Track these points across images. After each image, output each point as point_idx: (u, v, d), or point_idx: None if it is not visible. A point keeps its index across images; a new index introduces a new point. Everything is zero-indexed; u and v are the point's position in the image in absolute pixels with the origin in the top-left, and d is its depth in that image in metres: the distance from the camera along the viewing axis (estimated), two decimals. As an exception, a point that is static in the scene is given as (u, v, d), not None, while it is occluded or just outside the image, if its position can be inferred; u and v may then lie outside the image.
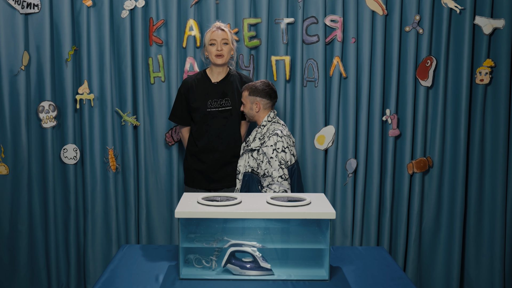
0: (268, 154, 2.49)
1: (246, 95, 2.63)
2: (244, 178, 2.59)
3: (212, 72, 2.78)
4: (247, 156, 2.62)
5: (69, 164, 3.05)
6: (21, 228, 3.05)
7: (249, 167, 2.58)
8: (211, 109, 2.73)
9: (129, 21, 2.97)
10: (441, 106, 3.05)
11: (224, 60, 2.71)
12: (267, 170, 2.50)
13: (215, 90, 2.75)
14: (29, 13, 2.93)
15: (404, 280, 1.91)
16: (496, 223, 3.06)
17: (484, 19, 2.96)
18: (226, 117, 2.75)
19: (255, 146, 2.58)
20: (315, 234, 1.97)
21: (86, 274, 3.13)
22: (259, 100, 2.60)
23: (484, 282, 3.11)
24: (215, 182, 2.78)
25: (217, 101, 2.73)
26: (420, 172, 3.10)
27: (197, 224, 1.99)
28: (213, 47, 2.69)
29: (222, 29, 2.70)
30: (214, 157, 2.75)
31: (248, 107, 2.64)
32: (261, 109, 2.62)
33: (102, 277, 1.93)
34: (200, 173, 2.79)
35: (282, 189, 2.48)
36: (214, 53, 2.69)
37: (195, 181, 2.82)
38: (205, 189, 2.81)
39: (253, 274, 1.89)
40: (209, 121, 2.74)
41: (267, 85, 2.62)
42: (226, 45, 2.69)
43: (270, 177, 2.49)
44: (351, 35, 3.01)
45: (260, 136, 2.59)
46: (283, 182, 2.48)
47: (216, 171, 2.77)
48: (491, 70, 3.00)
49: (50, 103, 3.00)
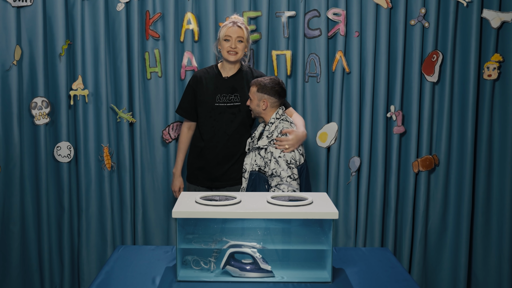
0: (275, 153, 2.48)
1: (254, 90, 2.61)
2: (250, 177, 2.58)
3: (223, 67, 2.77)
4: (253, 154, 2.60)
5: (63, 162, 3.04)
6: (13, 229, 3.04)
7: (256, 166, 2.56)
8: (219, 104, 2.73)
9: (124, 14, 2.96)
10: (447, 102, 3.04)
11: (237, 57, 2.69)
12: (275, 170, 2.48)
13: (225, 85, 2.74)
14: (21, 6, 2.92)
15: (409, 282, 1.90)
16: (505, 223, 3.05)
17: (492, 12, 2.95)
18: (234, 113, 2.74)
19: (263, 145, 2.56)
20: (317, 234, 1.97)
21: (80, 276, 3.12)
22: (267, 98, 2.58)
23: (492, 284, 3.10)
24: (218, 180, 2.77)
25: (226, 96, 2.73)
26: (426, 171, 3.09)
27: (195, 224, 1.99)
28: (227, 43, 2.66)
29: (239, 26, 2.67)
30: (219, 154, 2.74)
31: (255, 103, 2.62)
32: (268, 107, 2.60)
33: (97, 279, 1.92)
34: (204, 170, 2.79)
35: (291, 189, 2.46)
36: (227, 49, 2.67)
37: (198, 179, 2.81)
38: (207, 187, 2.80)
39: (253, 276, 1.88)
40: (216, 116, 2.73)
41: (276, 83, 2.60)
42: (241, 43, 2.67)
43: (279, 177, 2.47)
44: (355, 29, 3.00)
45: (268, 134, 2.57)
46: (292, 182, 2.47)
47: (220, 168, 2.76)
48: (499, 65, 2.99)
49: (43, 99, 2.98)
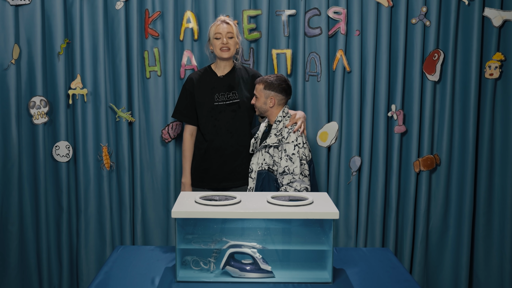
0: (289, 150, 2.48)
1: (261, 88, 2.60)
2: (259, 176, 2.56)
3: (217, 66, 2.80)
4: (261, 153, 2.59)
5: (62, 162, 3.03)
6: (11, 229, 3.04)
7: (266, 165, 2.56)
8: (218, 103, 2.74)
9: (123, 12, 2.95)
10: (449, 101, 3.02)
11: (230, 53, 2.72)
12: (288, 167, 2.47)
13: (221, 84, 2.77)
14: (20, 4, 2.91)
15: (410, 283, 1.90)
16: (506, 223, 3.04)
17: (494, 11, 2.94)
18: (234, 110, 2.75)
19: (272, 143, 2.55)
20: (318, 235, 1.97)
21: (79, 277, 3.11)
22: (274, 95, 2.58)
23: (494, 284, 3.09)
24: (225, 180, 2.77)
25: (224, 95, 2.75)
26: (427, 170, 3.07)
27: (194, 225, 1.99)
28: (218, 41, 2.71)
29: (227, 22, 2.72)
30: (224, 153, 2.75)
31: (261, 101, 2.61)
32: (275, 105, 2.60)
33: (96, 279, 1.91)
34: (210, 172, 2.78)
35: (304, 186, 2.46)
36: (219, 47, 2.71)
37: (204, 181, 2.81)
38: (214, 189, 2.80)
39: (253, 277, 1.88)
40: (217, 115, 2.75)
41: (283, 81, 2.61)
42: (231, 38, 2.71)
43: (291, 174, 2.46)
44: (355, 28, 2.98)
45: (277, 132, 2.56)
46: (304, 179, 2.47)
47: (227, 168, 2.75)
48: (501, 64, 2.97)
49: (42, 99, 2.97)
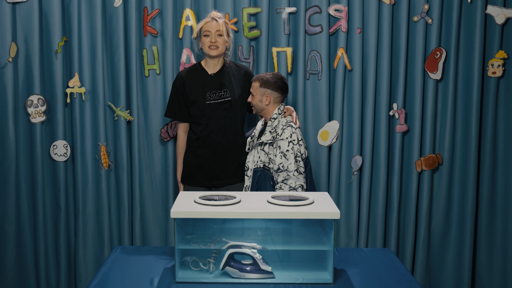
0: (283, 147, 2.48)
1: (257, 86, 2.60)
2: (255, 174, 2.56)
3: (207, 64, 2.78)
4: (256, 151, 2.59)
5: (59, 161, 3.02)
6: (8, 229, 3.03)
7: (261, 162, 2.55)
8: (210, 101, 2.73)
9: (122, 10, 2.94)
10: (451, 100, 3.01)
11: (219, 52, 2.70)
12: (282, 164, 2.47)
13: (212, 82, 2.75)
14: (17, 2, 2.90)
15: (412, 284, 1.90)
16: (509, 223, 3.02)
17: (497, 9, 2.92)
18: (226, 108, 2.73)
19: (266, 140, 2.55)
20: (319, 235, 1.97)
21: (77, 277, 3.09)
22: (270, 93, 2.59)
23: (497, 285, 3.07)
24: (216, 178, 2.76)
25: (215, 93, 2.73)
26: (429, 170, 3.05)
27: (194, 225, 1.98)
28: (207, 38, 2.69)
29: (216, 20, 2.69)
30: (216, 151, 2.73)
31: (257, 99, 2.61)
32: (271, 103, 2.60)
33: (94, 280, 1.91)
34: (201, 168, 2.76)
35: (299, 183, 2.46)
36: (207, 44, 2.69)
37: (196, 179, 2.79)
38: (206, 187, 2.79)
39: (253, 277, 1.88)
40: (209, 114, 2.73)
41: (279, 78, 2.61)
42: (220, 36, 2.68)
43: (286, 171, 2.46)
44: (357, 26, 2.97)
45: (271, 129, 2.56)
46: (299, 176, 2.46)
47: (218, 166, 2.74)
48: (504, 62, 2.95)
49: (39, 97, 2.96)
